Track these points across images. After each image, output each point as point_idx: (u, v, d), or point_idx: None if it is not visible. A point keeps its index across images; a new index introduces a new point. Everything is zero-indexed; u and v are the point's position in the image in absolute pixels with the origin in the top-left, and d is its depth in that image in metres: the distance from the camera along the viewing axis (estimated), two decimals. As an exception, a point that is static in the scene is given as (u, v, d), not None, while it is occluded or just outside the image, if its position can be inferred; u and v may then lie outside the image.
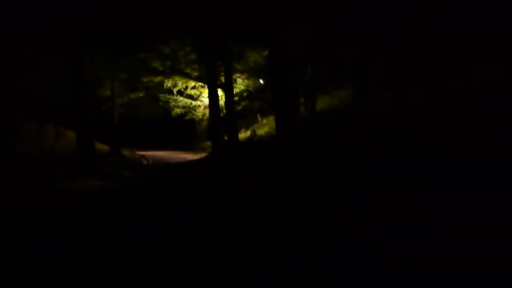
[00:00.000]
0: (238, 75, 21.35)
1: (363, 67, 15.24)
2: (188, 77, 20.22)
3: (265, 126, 23.66)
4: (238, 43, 16.68)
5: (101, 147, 18.63)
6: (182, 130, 28.70)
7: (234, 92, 19.36)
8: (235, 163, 9.90)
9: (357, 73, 15.18)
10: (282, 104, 11.99)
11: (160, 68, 18.82)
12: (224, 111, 21.57)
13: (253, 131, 18.24)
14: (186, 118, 25.41)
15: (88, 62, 13.56)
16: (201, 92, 24.26)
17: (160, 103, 24.92)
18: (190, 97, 24.75)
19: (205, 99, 24.08)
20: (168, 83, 22.33)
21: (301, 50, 15.27)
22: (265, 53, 19.97)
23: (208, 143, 24.07)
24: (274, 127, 22.82)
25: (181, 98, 24.36)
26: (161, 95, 24.23)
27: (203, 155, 19.13)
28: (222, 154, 12.87)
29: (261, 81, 23.87)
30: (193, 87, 23.92)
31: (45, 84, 13.26)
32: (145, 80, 20.73)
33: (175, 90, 23.47)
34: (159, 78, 20.27)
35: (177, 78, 20.73)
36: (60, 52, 11.97)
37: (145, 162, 17.45)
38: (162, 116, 28.40)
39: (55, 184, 8.91)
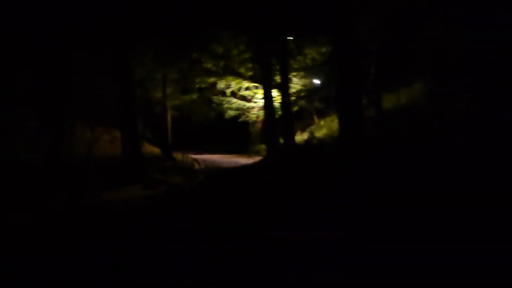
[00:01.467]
0: (294, 73, 20.16)
1: (441, 59, 13.51)
2: (242, 77, 19.34)
3: (322, 128, 22.27)
4: (297, 36, 15.44)
5: (153, 150, 18.21)
6: (236, 133, 27.96)
7: (289, 92, 18.18)
8: (297, 168, 8.68)
9: (433, 66, 13.46)
10: (347, 102, 10.62)
11: (213, 69, 18.09)
12: (279, 112, 20.64)
13: (311, 133, 16.95)
14: (239, 120, 24.62)
15: (139, 63, 13.01)
16: (255, 93, 23.35)
17: (213, 105, 24.36)
18: (244, 98, 23.96)
19: (259, 101, 23.19)
20: (221, 84, 21.66)
21: (366, 42, 13.88)
22: (324, 49, 18.68)
23: (262, 146, 23.11)
24: (332, 128, 21.45)
25: (234, 100, 23.62)
26: (214, 97, 23.64)
27: (257, 158, 18.11)
28: (279, 158, 11.78)
29: (317, 81, 22.56)
30: (247, 88, 23.07)
31: (95, 88, 12.87)
32: (197, 81, 20.16)
33: (228, 92, 22.75)
34: (212, 79, 19.59)
35: (230, 79, 19.93)
36: (106, 53, 11.48)
37: (197, 166, 16.73)
38: (215, 119, 27.91)
39: (92, 194, 8.26)
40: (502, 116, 7.53)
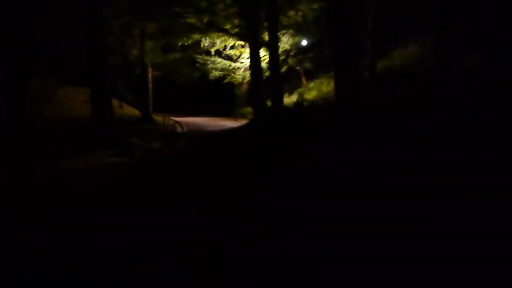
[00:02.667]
0: (283, 31, 18.91)
1: (439, 18, 12.54)
2: (227, 34, 18.02)
3: (312, 90, 21.34)
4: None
5: (133, 112, 17.05)
6: (221, 94, 26.85)
7: (278, 52, 17.03)
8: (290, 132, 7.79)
9: (432, 25, 12.49)
10: (344, 62, 9.70)
11: (197, 24, 16.70)
12: (266, 73, 19.57)
13: (301, 95, 16.01)
14: (224, 81, 23.42)
15: (114, 13, 11.63)
16: (241, 53, 22.07)
17: (197, 65, 23.01)
18: (229, 58, 22.67)
19: (245, 61, 21.97)
20: (205, 42, 20.30)
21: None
22: (315, 5, 17.44)
23: (249, 108, 22.18)
24: (323, 90, 20.54)
25: (219, 60, 22.31)
26: (198, 56, 22.27)
27: (243, 121, 17.21)
28: (268, 121, 10.86)
29: (304, 42, 21.38)
30: (232, 47, 21.74)
31: (65, 39, 11.52)
32: (180, 38, 18.72)
33: (213, 51, 21.41)
34: (195, 36, 18.20)
35: (215, 36, 18.58)
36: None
37: (179, 130, 15.69)
38: (200, 80, 26.67)
39: (56, 161, 7.22)
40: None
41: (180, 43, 19.54)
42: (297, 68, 21.36)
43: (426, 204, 3.41)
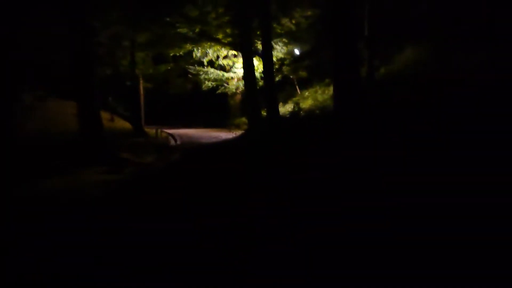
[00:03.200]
0: (276, 39, 18.62)
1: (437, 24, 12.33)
2: (220, 43, 17.69)
3: (307, 99, 21.02)
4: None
5: (124, 125, 16.54)
6: (214, 105, 26.45)
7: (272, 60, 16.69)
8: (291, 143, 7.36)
9: (430, 30, 12.26)
10: (344, 69, 9.36)
11: (189, 34, 16.34)
12: (260, 83, 19.22)
13: (296, 104, 15.64)
14: (218, 92, 23.04)
15: (104, 24, 11.20)
16: (234, 63, 21.76)
17: (190, 76, 22.63)
18: (222, 68, 22.34)
19: (238, 70, 21.65)
20: (198, 53, 19.94)
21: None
22: (309, 12, 17.19)
23: (243, 119, 21.78)
24: (318, 99, 20.23)
25: (212, 70, 21.96)
26: (190, 67, 21.90)
27: (238, 132, 16.79)
28: (265, 132, 10.45)
29: (297, 51, 21.12)
30: (225, 57, 21.42)
31: (53, 52, 11.06)
32: (171, 48, 18.34)
33: (205, 61, 21.05)
34: (187, 46, 17.83)
35: (207, 46, 18.23)
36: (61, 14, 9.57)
37: (173, 142, 15.20)
38: (192, 91, 26.28)
39: (42, 179, 6.71)
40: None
41: (171, 54, 19.15)
42: (291, 77, 21.04)
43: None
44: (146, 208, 4.73)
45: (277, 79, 19.88)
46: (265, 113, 16.62)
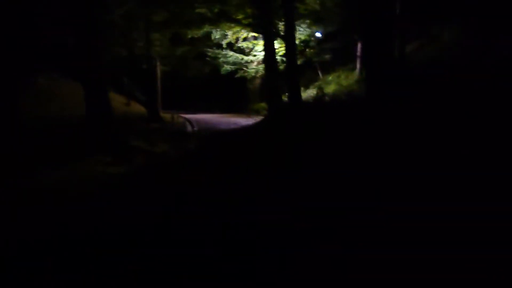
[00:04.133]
0: (300, 21, 17.64)
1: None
2: (240, 24, 16.80)
3: (330, 84, 20.05)
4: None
5: (140, 110, 15.91)
6: (233, 90, 25.67)
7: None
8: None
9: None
10: (377, 50, 8.46)
11: (208, 15, 15.50)
12: (280, 67, 18.34)
13: (320, 89, 14.75)
14: (236, 76, 22.23)
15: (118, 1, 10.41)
16: (254, 45, 20.85)
17: (208, 59, 21.86)
18: (241, 51, 21.47)
19: (258, 54, 20.76)
20: (216, 34, 19.09)
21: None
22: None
23: (262, 104, 20.99)
24: (343, 84, 19.24)
25: (231, 53, 21.15)
26: (209, 49, 21.11)
27: (257, 118, 16.04)
28: (289, 118, 9.63)
29: (318, 34, 20.06)
30: (245, 39, 20.52)
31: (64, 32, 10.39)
32: (189, 32, 17.54)
33: (224, 43, 20.21)
34: (205, 27, 17.00)
35: (226, 27, 17.36)
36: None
37: (189, 128, 14.50)
38: (210, 75, 25.52)
39: (33, 171, 6.01)
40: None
41: (189, 36, 18.35)
42: (314, 60, 20.06)
43: None
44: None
45: (298, 62, 18.95)
46: (285, 98, 15.84)
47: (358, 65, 18.99)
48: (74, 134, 8.22)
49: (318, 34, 20.25)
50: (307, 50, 19.65)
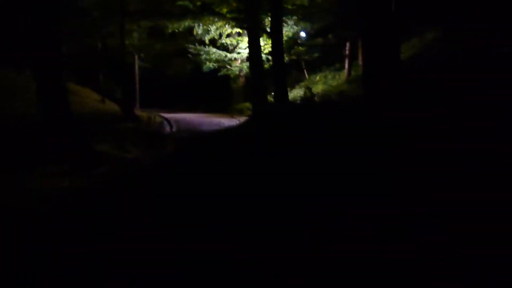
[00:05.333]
0: (286, 18, 16.79)
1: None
2: (224, 18, 15.86)
3: (317, 84, 19.33)
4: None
5: (114, 108, 14.73)
6: (216, 88, 24.69)
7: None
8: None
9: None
10: (381, 48, 7.65)
11: (190, 7, 14.48)
12: (266, 65, 17.51)
13: (308, 89, 13.93)
14: (220, 74, 21.27)
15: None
16: (238, 42, 19.93)
17: (189, 56, 20.81)
18: (225, 48, 20.52)
19: (242, 51, 19.84)
20: (199, 30, 18.07)
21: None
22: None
23: (246, 104, 20.12)
24: (332, 84, 18.49)
25: (214, 50, 20.14)
26: (191, 45, 20.06)
27: (241, 119, 15.13)
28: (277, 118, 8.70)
29: (303, 34, 19.31)
30: (229, 35, 19.59)
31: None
32: (169, 26, 16.49)
33: (207, 39, 19.19)
34: (186, 22, 15.99)
35: (209, 21, 16.39)
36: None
37: (168, 129, 13.40)
38: (193, 73, 24.50)
39: None
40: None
41: (170, 30, 17.29)
42: (304, 57, 19.28)
43: None
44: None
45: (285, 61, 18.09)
46: (271, 99, 15.03)
47: (346, 65, 18.32)
48: (34, 137, 7.03)
49: (302, 34, 19.47)
50: (294, 48, 18.83)
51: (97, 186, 5.15)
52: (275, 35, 13.67)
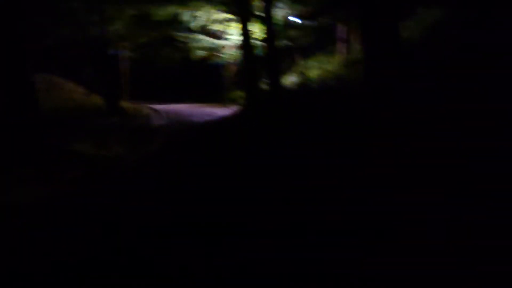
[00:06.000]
0: (278, 1, 16.00)
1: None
2: (211, 2, 15.09)
3: (311, 69, 18.59)
4: None
5: (98, 102, 13.95)
6: (208, 78, 23.92)
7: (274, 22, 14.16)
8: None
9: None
10: (383, 28, 7.07)
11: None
12: (257, 51, 16.79)
13: (303, 75, 13.32)
14: (210, 62, 20.46)
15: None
16: (227, 28, 19.05)
17: (178, 44, 19.93)
18: (215, 35, 19.65)
19: (233, 37, 18.98)
20: (185, 16, 17.20)
21: None
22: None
23: (239, 92, 19.39)
24: (327, 68, 17.77)
25: (203, 37, 19.28)
26: (178, 34, 19.18)
27: (234, 108, 14.55)
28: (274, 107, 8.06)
29: (294, 19, 18.52)
30: (218, 21, 18.71)
31: None
32: (152, 11, 15.64)
33: (194, 26, 18.31)
34: (171, 8, 15.19)
35: (196, 6, 15.58)
36: None
37: (156, 122, 12.65)
38: (183, 62, 23.63)
39: None
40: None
41: (155, 18, 16.46)
42: (297, 42, 18.58)
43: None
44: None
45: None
46: (265, 86, 14.40)
47: (341, 49, 17.64)
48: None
49: (294, 19, 18.68)
50: (287, 32, 18.10)
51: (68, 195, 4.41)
52: (267, 19, 13.06)
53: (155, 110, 15.63)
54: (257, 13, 14.91)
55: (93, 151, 6.60)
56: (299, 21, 18.57)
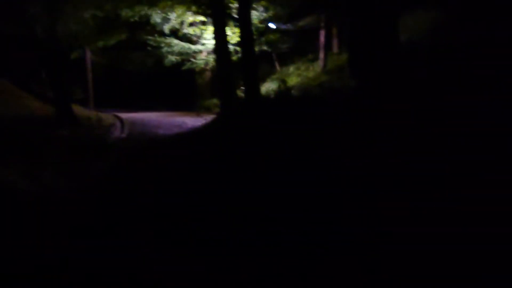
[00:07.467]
0: (254, 3, 14.98)
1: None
2: (184, 3, 13.91)
3: (291, 76, 17.60)
4: None
5: (51, 110, 12.35)
6: (180, 85, 22.60)
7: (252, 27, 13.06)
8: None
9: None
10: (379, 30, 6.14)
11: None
12: (234, 57, 15.70)
13: (283, 82, 12.24)
14: (183, 68, 19.24)
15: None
16: (202, 32, 17.91)
17: (149, 48, 18.64)
18: (188, 40, 18.50)
19: (207, 42, 17.87)
20: (157, 18, 15.96)
21: None
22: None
23: (214, 100, 18.30)
24: (308, 75, 16.79)
25: (176, 41, 18.12)
26: (150, 38, 17.93)
27: (208, 117, 13.36)
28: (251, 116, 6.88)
29: (272, 25, 17.59)
30: (191, 24, 17.56)
31: None
32: (122, 14, 14.38)
33: (166, 29, 17.08)
34: (141, 8, 13.92)
35: (167, 5, 14.36)
36: None
37: (116, 135, 11.17)
38: (154, 68, 22.28)
39: None
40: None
41: (123, 19, 15.14)
42: (276, 47, 17.62)
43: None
44: None
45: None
46: (241, 93, 13.30)
47: (321, 55, 16.73)
48: None
49: (271, 25, 17.71)
50: (265, 36, 17.09)
51: None
52: (243, 22, 12.01)
53: (120, 119, 14.16)
54: (234, 15, 13.89)
55: (11, 183, 5.08)
56: (279, 26, 17.65)
